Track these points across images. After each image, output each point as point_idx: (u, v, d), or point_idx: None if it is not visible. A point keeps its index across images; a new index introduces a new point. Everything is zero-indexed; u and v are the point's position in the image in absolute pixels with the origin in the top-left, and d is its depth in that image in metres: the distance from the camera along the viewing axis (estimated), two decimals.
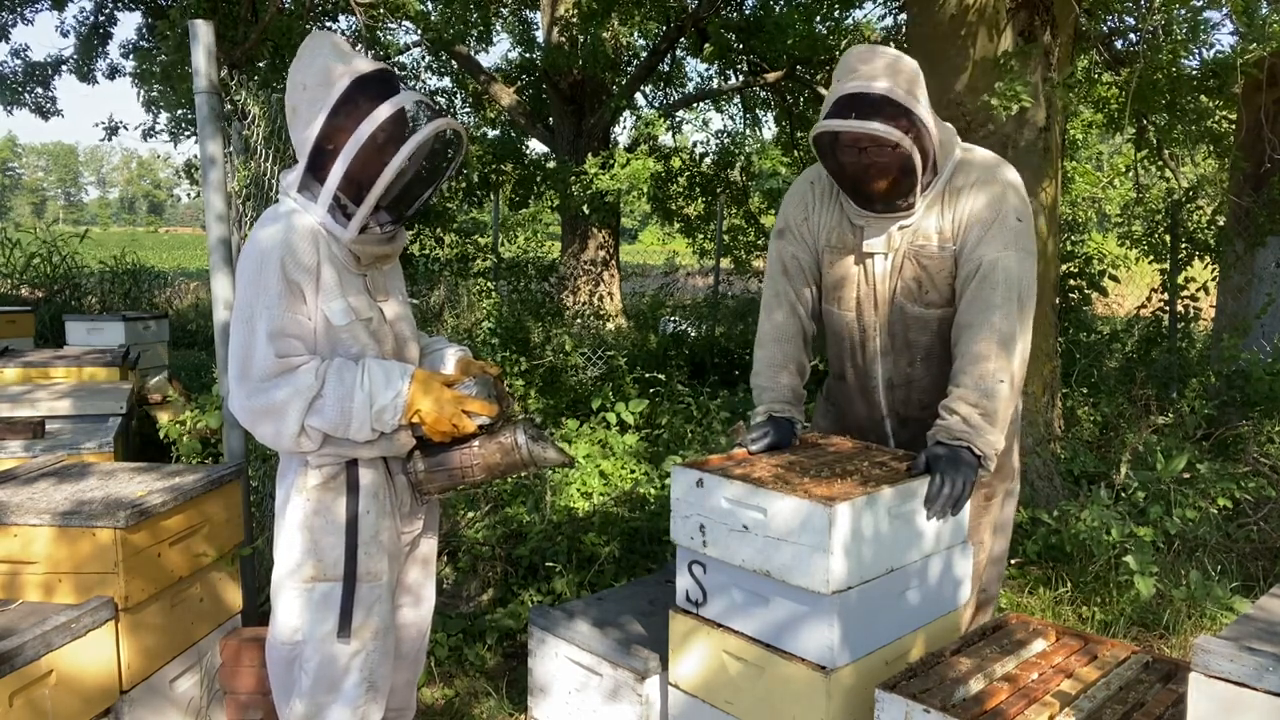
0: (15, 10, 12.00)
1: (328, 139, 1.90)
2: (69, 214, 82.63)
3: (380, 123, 1.85)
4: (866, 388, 2.55)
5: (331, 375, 1.91)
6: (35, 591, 2.34)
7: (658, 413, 5.51)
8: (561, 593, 3.60)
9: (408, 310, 2.19)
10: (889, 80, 2.25)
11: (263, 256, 1.90)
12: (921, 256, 2.35)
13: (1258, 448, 4.58)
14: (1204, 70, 5.31)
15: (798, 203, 2.51)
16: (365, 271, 2.05)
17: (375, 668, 2.08)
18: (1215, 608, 3.44)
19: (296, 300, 1.91)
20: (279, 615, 2.06)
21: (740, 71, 12.43)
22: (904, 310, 2.40)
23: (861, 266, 2.42)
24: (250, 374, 1.89)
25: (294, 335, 1.91)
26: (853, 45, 3.26)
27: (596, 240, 11.85)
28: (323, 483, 2.02)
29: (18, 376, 4.72)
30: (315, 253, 1.93)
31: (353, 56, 1.94)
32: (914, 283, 2.37)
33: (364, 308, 2.02)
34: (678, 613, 2.24)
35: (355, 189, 1.90)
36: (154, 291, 12.81)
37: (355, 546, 2.02)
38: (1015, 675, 1.91)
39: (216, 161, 3.10)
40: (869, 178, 2.28)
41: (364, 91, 1.88)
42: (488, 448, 2.04)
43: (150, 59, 10.45)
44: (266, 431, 1.92)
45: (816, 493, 1.96)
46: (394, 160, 1.85)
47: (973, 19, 4.77)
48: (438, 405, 1.96)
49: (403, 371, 1.96)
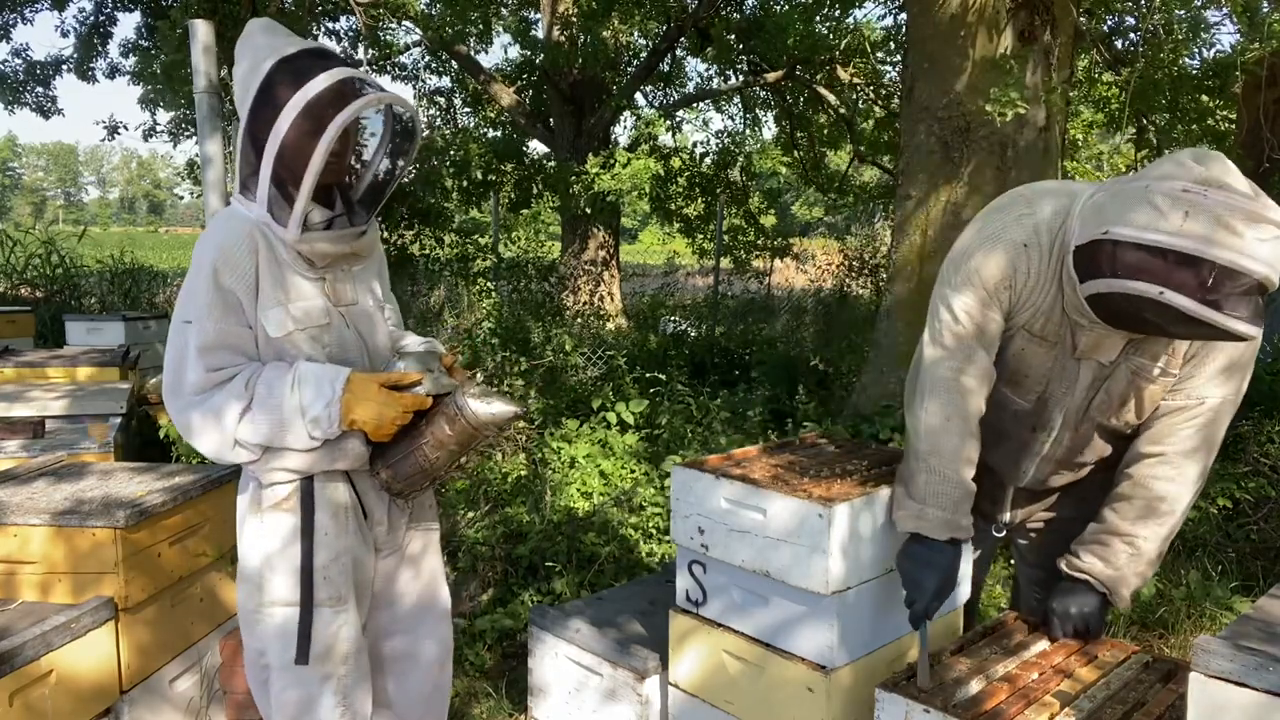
0: (16, 10, 12.00)
1: (258, 129, 1.74)
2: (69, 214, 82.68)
3: (307, 101, 1.69)
4: (1004, 468, 2.23)
5: (261, 386, 1.79)
6: (34, 591, 2.34)
7: (658, 413, 5.51)
8: (561, 593, 3.60)
9: (380, 313, 2.05)
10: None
11: (197, 266, 1.80)
12: (1140, 376, 1.92)
13: (1258, 448, 4.58)
14: (1204, 70, 5.31)
15: (1004, 266, 1.90)
16: (323, 274, 1.90)
17: (350, 692, 1.97)
18: (1215, 608, 3.44)
19: (231, 311, 1.80)
20: (245, 639, 1.99)
21: (740, 71, 12.44)
22: (1094, 420, 2.03)
23: (1063, 366, 1.97)
24: (182, 388, 1.80)
25: (227, 347, 1.80)
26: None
27: (597, 240, 11.85)
28: (276, 504, 1.91)
29: (17, 376, 4.72)
30: (253, 258, 1.80)
31: (282, 39, 1.80)
32: (1118, 400, 1.97)
33: (315, 314, 1.87)
34: (677, 612, 2.24)
35: (291, 179, 1.74)
36: (154, 291, 12.80)
37: (311, 570, 1.89)
38: (1015, 675, 1.91)
39: (215, 161, 3.10)
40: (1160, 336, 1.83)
41: (290, 72, 1.73)
42: (434, 422, 1.89)
43: (151, 59, 10.45)
44: (201, 444, 1.83)
45: (815, 493, 1.96)
46: (323, 140, 1.68)
47: (973, 19, 4.77)
48: (375, 406, 1.83)
49: (335, 376, 1.81)
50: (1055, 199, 1.88)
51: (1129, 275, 1.64)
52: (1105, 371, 1.94)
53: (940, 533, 1.93)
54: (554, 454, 4.83)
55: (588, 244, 11.79)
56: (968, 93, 4.84)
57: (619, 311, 11.50)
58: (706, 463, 2.23)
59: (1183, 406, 1.93)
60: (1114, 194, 1.70)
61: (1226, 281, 1.55)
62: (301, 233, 1.80)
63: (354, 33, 11.64)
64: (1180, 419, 1.93)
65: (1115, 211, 1.67)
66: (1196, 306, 1.57)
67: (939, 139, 4.97)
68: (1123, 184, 1.71)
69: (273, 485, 1.90)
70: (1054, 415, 2.04)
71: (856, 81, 11.15)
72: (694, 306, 11.04)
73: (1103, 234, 1.68)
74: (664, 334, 9.21)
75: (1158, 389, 1.93)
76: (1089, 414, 2.02)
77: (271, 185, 1.76)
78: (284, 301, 1.84)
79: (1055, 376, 1.99)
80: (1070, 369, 1.96)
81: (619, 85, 11.75)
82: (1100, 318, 1.78)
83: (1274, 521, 4.10)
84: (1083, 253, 1.74)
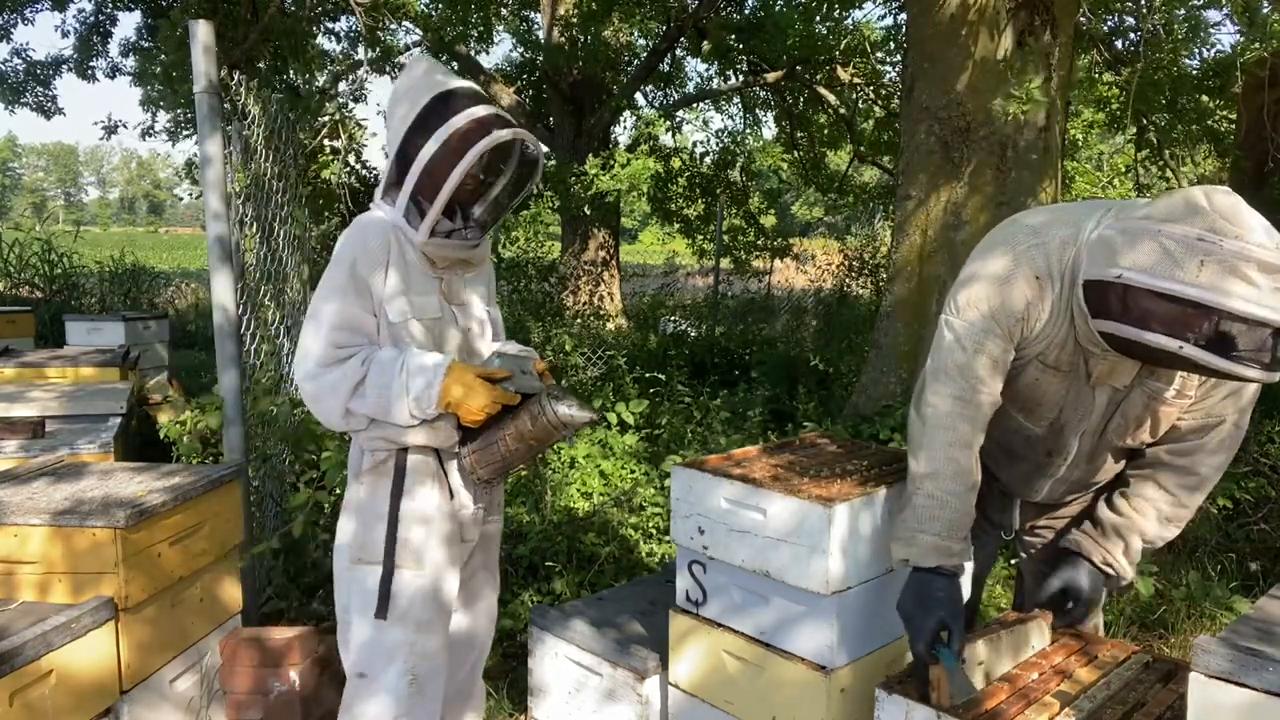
0: (16, 10, 12.01)
1: (409, 147, 2.03)
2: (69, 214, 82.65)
3: (454, 130, 1.98)
4: (1016, 486, 2.23)
5: (374, 365, 2.03)
6: (34, 591, 2.34)
7: (658, 413, 5.51)
8: (561, 593, 3.60)
9: (485, 315, 2.30)
10: None
11: (338, 257, 2.07)
12: (1156, 399, 1.92)
13: (1258, 448, 4.58)
14: (1204, 70, 5.31)
15: (1017, 300, 1.86)
16: (441, 275, 2.15)
17: (419, 664, 2.11)
18: (1215, 608, 3.44)
19: (362, 296, 2.05)
20: (336, 595, 2.18)
21: (740, 72, 12.43)
22: (1110, 442, 2.03)
23: (1078, 393, 1.96)
24: (309, 359, 2.04)
25: (353, 328, 2.05)
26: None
27: (597, 240, 11.85)
28: (373, 468, 2.14)
29: (17, 376, 4.72)
30: (385, 253, 2.07)
31: (443, 76, 2.09)
32: (1134, 422, 1.97)
33: (430, 308, 2.13)
34: (677, 612, 2.24)
35: (429, 192, 2.03)
36: (154, 291, 12.81)
37: (395, 531, 2.10)
38: (1015, 675, 1.91)
39: (215, 161, 3.09)
40: (1175, 370, 1.84)
41: (445, 105, 2.03)
42: (519, 418, 2.09)
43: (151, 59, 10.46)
44: (318, 410, 2.08)
45: (815, 493, 1.96)
46: (461, 163, 1.97)
47: (973, 19, 4.77)
48: (469, 391, 2.04)
49: (438, 362, 2.04)
50: (1061, 228, 1.85)
51: (1144, 324, 1.63)
52: (1120, 395, 1.93)
53: (929, 559, 1.89)
54: (554, 454, 4.83)
55: (588, 244, 11.79)
56: (968, 93, 4.84)
57: (619, 311, 11.51)
58: (706, 463, 2.23)
59: (1203, 425, 1.94)
60: (1123, 230, 1.68)
61: (1244, 331, 1.55)
62: (429, 237, 2.07)
63: (354, 33, 11.65)
64: (1203, 436, 1.95)
65: (1126, 252, 1.65)
66: (1214, 359, 1.57)
67: (939, 139, 4.97)
68: (1132, 220, 1.69)
69: (374, 452, 2.14)
70: (1069, 441, 2.03)
71: (856, 81, 11.15)
72: (694, 306, 11.05)
73: (1115, 276, 1.66)
74: (664, 334, 9.22)
75: (1173, 410, 1.92)
76: (1105, 437, 2.01)
77: (413, 194, 2.04)
78: (406, 293, 2.09)
79: (1070, 404, 1.97)
80: (1085, 396, 1.95)
81: (619, 85, 11.75)
82: (1114, 348, 1.77)
83: (1274, 521, 4.10)
84: (1093, 288, 1.72)
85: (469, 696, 2.43)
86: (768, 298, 12.12)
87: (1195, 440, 1.97)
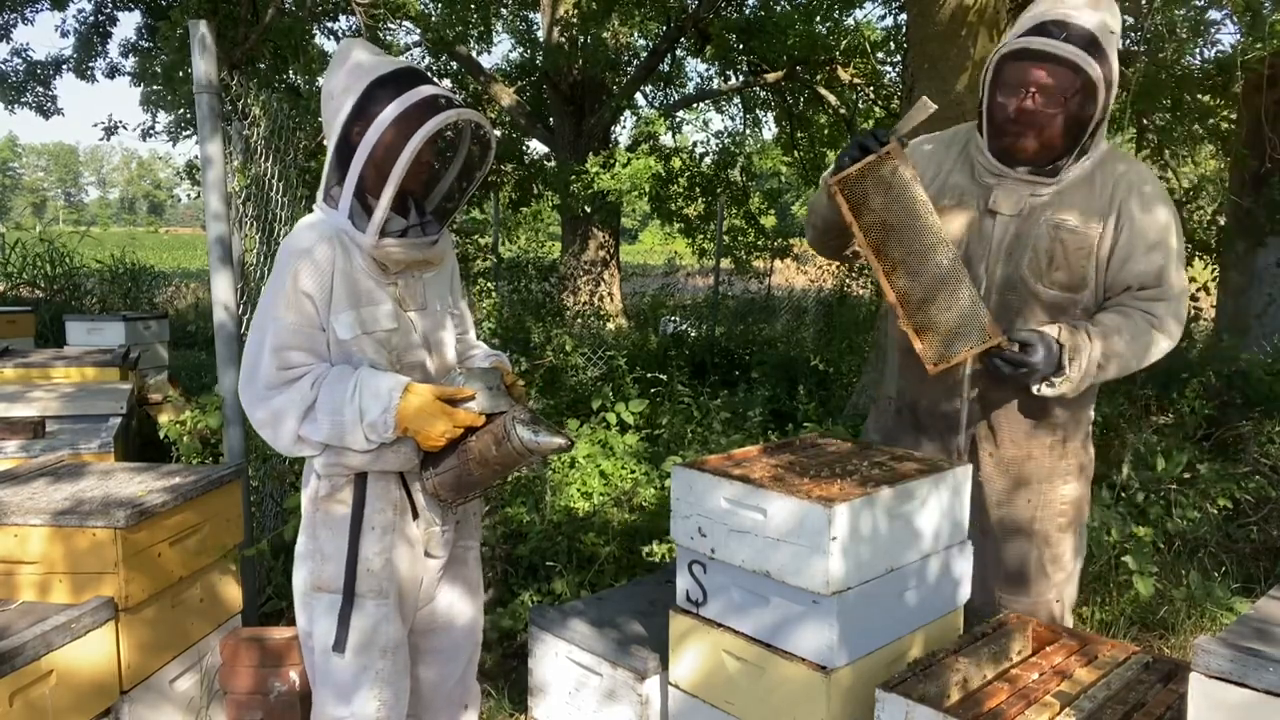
0: (16, 10, 12.01)
1: (346, 141, 1.88)
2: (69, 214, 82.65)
3: (394, 116, 1.82)
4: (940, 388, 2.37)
5: (325, 388, 1.89)
6: (34, 591, 2.34)
7: (658, 413, 5.51)
8: (561, 593, 3.60)
9: (450, 320, 2.16)
10: (1105, 17, 2.05)
11: (280, 268, 1.93)
12: (1062, 230, 2.18)
13: (1258, 448, 4.58)
14: (1205, 70, 5.31)
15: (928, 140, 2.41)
16: (394, 280, 2.00)
17: (387, 685, 2.06)
18: (1215, 608, 3.44)
19: (306, 312, 1.91)
20: (298, 619, 2.11)
21: (740, 72, 12.44)
22: (1023, 284, 2.23)
23: (979, 227, 2.24)
24: (255, 381, 1.92)
25: (299, 347, 1.91)
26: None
27: (597, 240, 11.85)
28: (329, 494, 2.02)
29: (17, 376, 4.72)
30: (330, 263, 1.91)
31: (377, 58, 1.93)
32: (1045, 256, 2.20)
33: (383, 319, 1.97)
34: (677, 612, 2.24)
35: (376, 187, 1.87)
36: (154, 291, 12.81)
37: (355, 563, 2.01)
38: (1015, 675, 1.91)
39: (215, 161, 3.10)
40: (1034, 123, 2.10)
41: (382, 90, 1.86)
42: (482, 440, 1.96)
43: (151, 59, 10.46)
44: (268, 436, 1.96)
45: (815, 493, 1.96)
46: (407, 147, 1.81)
47: (973, 19, 4.77)
48: (428, 416, 1.91)
49: (394, 385, 1.91)
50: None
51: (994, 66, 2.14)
52: (1024, 229, 2.21)
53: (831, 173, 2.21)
54: (554, 454, 4.82)
55: (588, 244, 11.79)
56: (968, 92, 4.83)
57: (619, 311, 11.50)
58: (706, 463, 2.23)
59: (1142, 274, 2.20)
60: None
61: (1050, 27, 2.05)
62: (379, 238, 1.91)
63: (354, 33, 11.64)
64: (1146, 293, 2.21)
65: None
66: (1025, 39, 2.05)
67: None
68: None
69: (330, 479, 2.02)
70: (977, 271, 2.26)
71: (857, 82, 11.15)
72: (694, 307, 11.04)
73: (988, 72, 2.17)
74: (664, 334, 9.21)
75: (1083, 244, 2.19)
76: (1015, 275, 2.23)
77: (356, 192, 1.88)
78: (355, 306, 1.94)
79: (974, 239, 2.26)
80: (986, 227, 2.25)
81: (619, 85, 11.75)
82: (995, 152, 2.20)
83: (1274, 522, 4.10)
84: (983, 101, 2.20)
85: (463, 704, 2.38)
86: (768, 298, 12.11)
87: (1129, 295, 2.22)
